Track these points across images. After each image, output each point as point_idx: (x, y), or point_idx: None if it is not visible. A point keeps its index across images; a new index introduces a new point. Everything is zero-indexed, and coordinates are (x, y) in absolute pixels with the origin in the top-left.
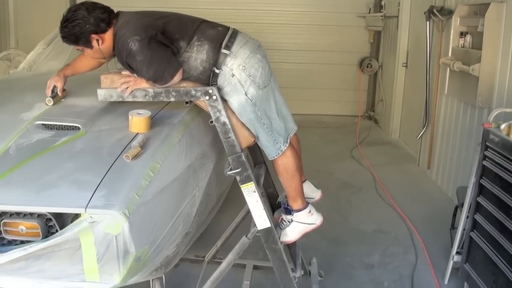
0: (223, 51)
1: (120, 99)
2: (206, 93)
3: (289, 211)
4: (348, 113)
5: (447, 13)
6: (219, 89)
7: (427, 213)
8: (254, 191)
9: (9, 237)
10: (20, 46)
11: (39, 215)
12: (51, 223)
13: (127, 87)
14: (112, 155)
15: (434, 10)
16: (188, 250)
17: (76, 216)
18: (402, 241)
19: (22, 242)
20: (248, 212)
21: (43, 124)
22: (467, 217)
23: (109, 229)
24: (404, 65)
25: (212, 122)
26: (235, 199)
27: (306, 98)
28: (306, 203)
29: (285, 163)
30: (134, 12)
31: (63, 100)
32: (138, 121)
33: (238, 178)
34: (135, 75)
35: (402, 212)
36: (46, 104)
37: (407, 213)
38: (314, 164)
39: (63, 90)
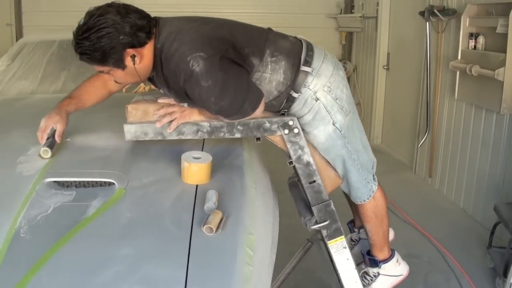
0: (304, 68)
1: (159, 138)
2: (285, 125)
3: (375, 263)
4: None
5: (451, 13)
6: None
7: (446, 228)
8: (345, 247)
9: None
10: None
11: None
12: None
13: (171, 120)
14: (182, 227)
15: (435, 10)
16: None
17: None
18: (438, 265)
19: None
20: (299, 261)
21: (55, 182)
22: None
23: None
24: (385, 67)
25: (291, 163)
26: None
27: None
28: (392, 251)
29: (375, 207)
30: (180, 18)
31: (68, 139)
32: (199, 170)
33: (325, 233)
34: (185, 105)
35: (423, 230)
36: (40, 156)
37: (426, 229)
38: None
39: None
